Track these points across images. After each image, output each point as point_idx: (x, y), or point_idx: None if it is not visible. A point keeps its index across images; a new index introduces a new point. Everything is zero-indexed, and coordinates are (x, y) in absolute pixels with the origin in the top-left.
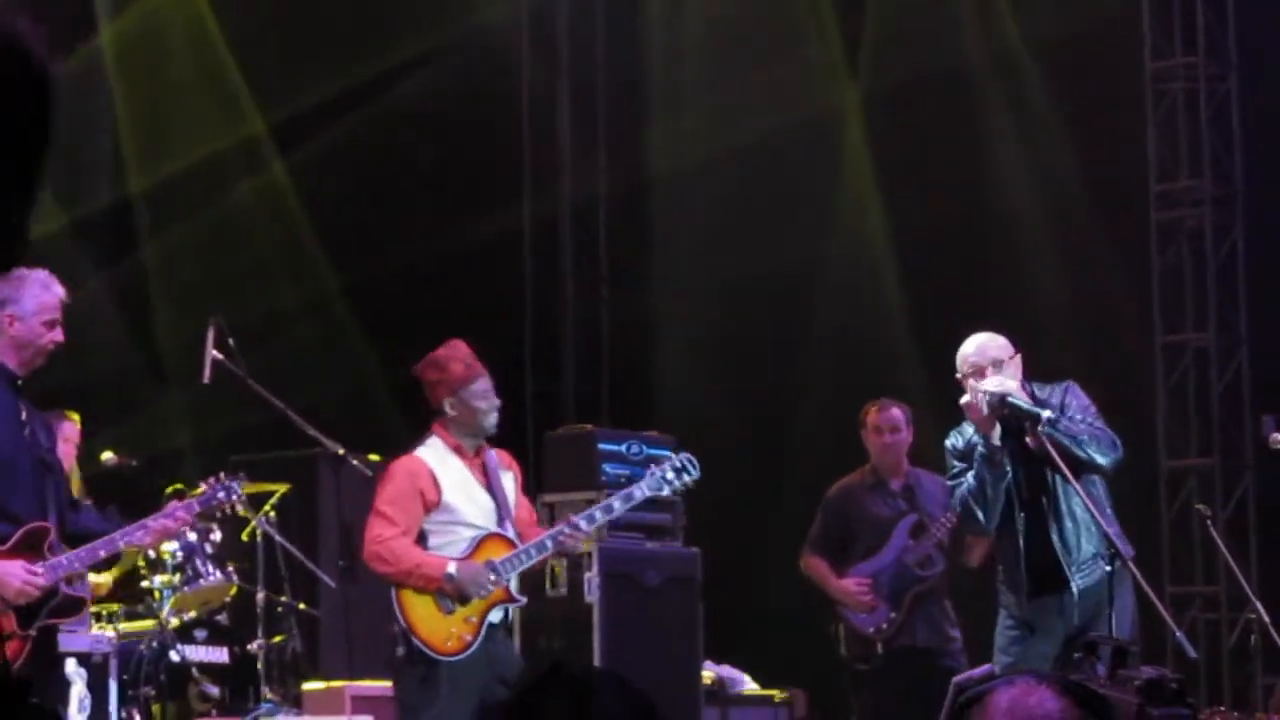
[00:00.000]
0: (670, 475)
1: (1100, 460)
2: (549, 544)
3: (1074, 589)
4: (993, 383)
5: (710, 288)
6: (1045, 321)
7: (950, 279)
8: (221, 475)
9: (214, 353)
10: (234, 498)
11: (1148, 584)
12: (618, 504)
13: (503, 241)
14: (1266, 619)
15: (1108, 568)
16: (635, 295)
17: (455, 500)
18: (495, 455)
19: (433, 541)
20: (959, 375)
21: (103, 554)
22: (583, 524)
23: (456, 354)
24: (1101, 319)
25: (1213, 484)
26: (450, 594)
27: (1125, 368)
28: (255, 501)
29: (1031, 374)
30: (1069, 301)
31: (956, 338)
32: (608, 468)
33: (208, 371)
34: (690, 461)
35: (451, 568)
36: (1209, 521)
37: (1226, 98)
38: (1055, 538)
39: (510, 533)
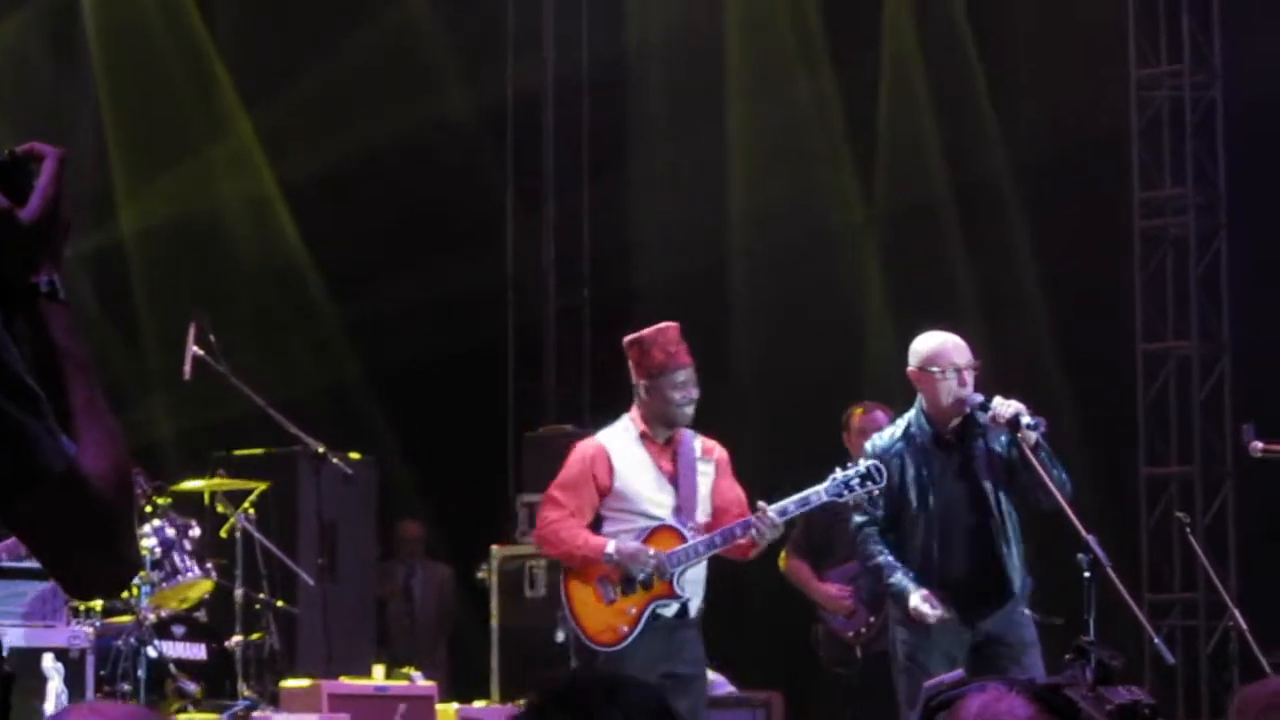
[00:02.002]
0: (855, 482)
1: (1069, 485)
2: (719, 540)
3: (1022, 607)
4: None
5: (692, 289)
6: (1028, 328)
7: (931, 281)
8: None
9: (195, 349)
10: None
11: (1126, 591)
12: (792, 507)
13: (487, 240)
14: (1244, 626)
15: (1086, 575)
16: (617, 296)
17: (628, 487)
18: (695, 444)
19: (606, 528)
20: (928, 368)
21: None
22: (775, 516)
23: (661, 339)
24: (1084, 326)
25: (1193, 492)
26: (611, 575)
27: (1107, 375)
28: (235, 498)
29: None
30: (1052, 307)
31: None
32: None
33: (188, 367)
34: (877, 469)
35: (610, 546)
36: (1188, 529)
37: (1211, 106)
38: (1007, 560)
39: (685, 527)
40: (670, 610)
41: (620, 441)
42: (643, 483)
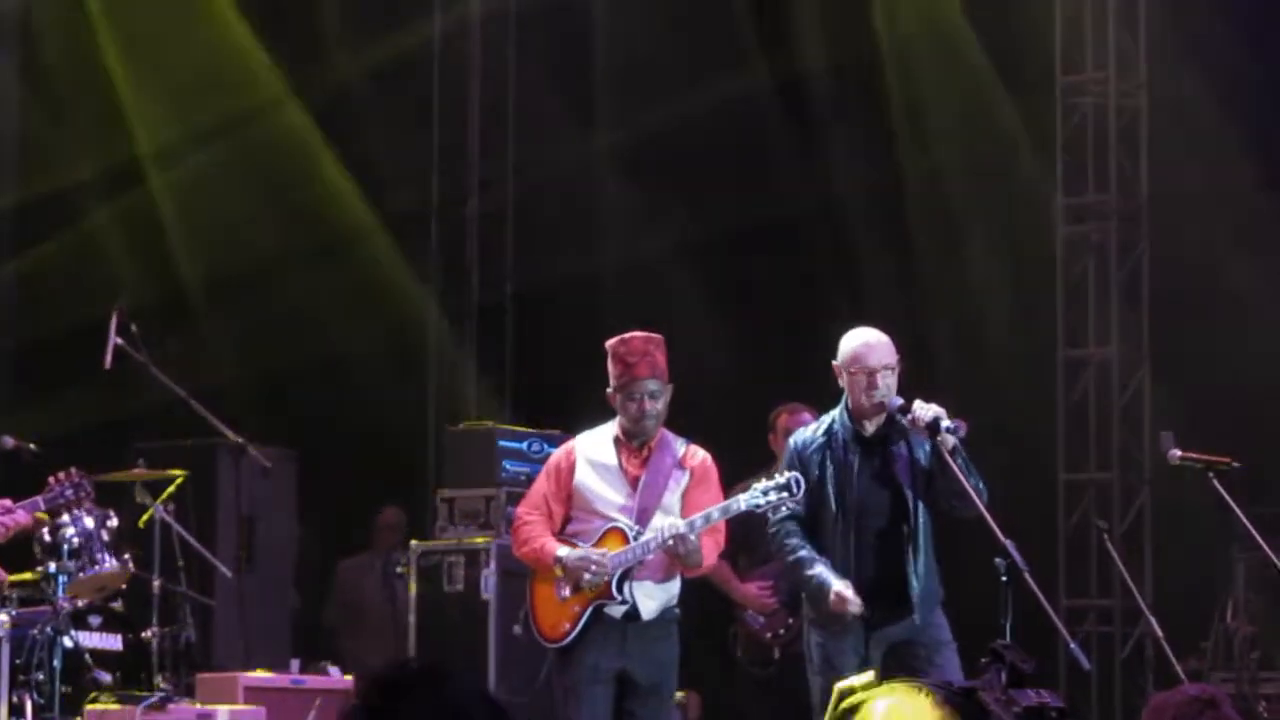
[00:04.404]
0: (772, 491)
1: (984, 494)
2: (652, 545)
3: (916, 619)
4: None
5: (619, 286)
6: (946, 333)
7: (851, 288)
8: (72, 472)
9: (116, 338)
10: (82, 495)
11: (1043, 596)
12: (716, 513)
13: (411, 233)
14: (1159, 633)
15: (1004, 579)
16: (540, 292)
17: (585, 488)
18: (678, 450)
19: (569, 527)
20: (846, 367)
21: None
22: (683, 529)
23: (624, 348)
24: (1004, 332)
25: (1111, 498)
26: (564, 580)
27: (1027, 380)
28: (154, 489)
29: (933, 385)
30: (973, 311)
31: None
32: (508, 465)
33: (109, 357)
34: (796, 482)
35: (562, 552)
36: (1106, 535)
37: (1136, 113)
38: (911, 567)
39: (632, 530)
40: (617, 611)
41: (594, 441)
42: (601, 484)
